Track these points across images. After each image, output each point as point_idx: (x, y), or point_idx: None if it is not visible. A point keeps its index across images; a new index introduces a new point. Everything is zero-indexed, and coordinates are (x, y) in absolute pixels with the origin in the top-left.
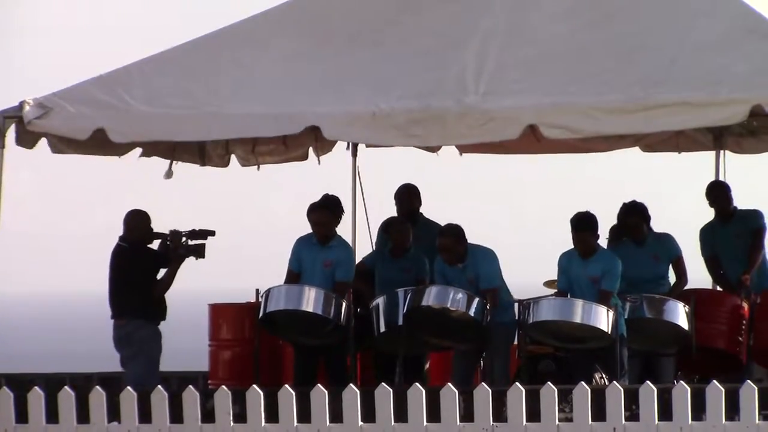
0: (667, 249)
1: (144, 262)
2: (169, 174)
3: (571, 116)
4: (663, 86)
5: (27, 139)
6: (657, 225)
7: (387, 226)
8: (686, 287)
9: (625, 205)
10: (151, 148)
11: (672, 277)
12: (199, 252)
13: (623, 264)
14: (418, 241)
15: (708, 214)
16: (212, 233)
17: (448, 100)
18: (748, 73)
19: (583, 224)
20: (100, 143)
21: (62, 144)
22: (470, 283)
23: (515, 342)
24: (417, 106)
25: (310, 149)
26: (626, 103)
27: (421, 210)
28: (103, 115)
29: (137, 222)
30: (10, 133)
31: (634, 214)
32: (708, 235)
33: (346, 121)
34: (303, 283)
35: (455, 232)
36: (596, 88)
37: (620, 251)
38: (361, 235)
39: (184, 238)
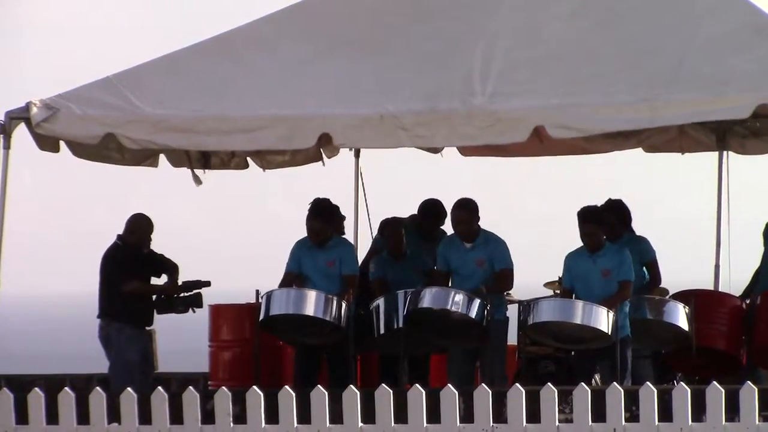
0: (639, 251)
1: (134, 265)
2: (197, 181)
3: (577, 116)
4: (670, 86)
5: (49, 143)
6: (659, 225)
7: (382, 229)
8: (682, 289)
9: (605, 202)
10: (177, 155)
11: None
12: (196, 303)
13: None
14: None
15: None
16: (207, 284)
17: (455, 102)
18: (754, 72)
19: (590, 216)
20: (119, 151)
21: (82, 150)
22: (478, 264)
23: (513, 342)
24: (424, 108)
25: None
26: (634, 103)
27: (408, 210)
28: (111, 118)
29: (139, 225)
30: (18, 135)
31: (610, 213)
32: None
33: (354, 124)
34: (306, 286)
35: (470, 205)
36: (603, 89)
37: None
38: (363, 235)
39: (178, 293)
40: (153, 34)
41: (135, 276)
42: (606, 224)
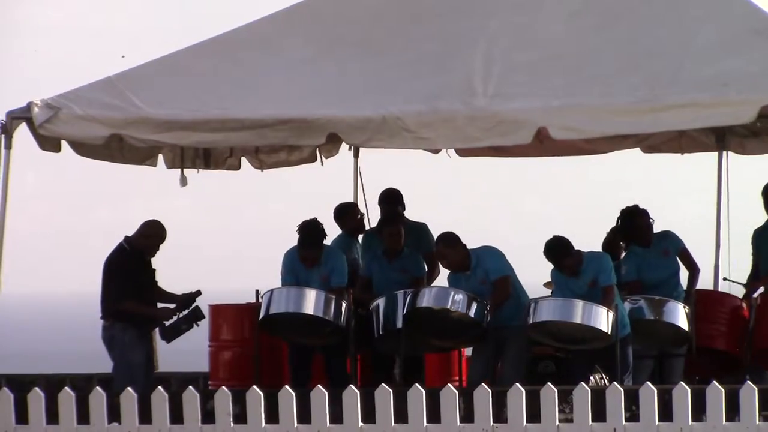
0: (672, 243)
1: (135, 273)
2: (183, 181)
3: (579, 117)
4: (671, 88)
5: (50, 143)
6: (659, 225)
7: (380, 229)
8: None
9: (629, 209)
10: (172, 156)
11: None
12: (197, 316)
13: (637, 270)
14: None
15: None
16: (198, 293)
17: (457, 103)
18: (756, 74)
19: (561, 252)
20: (120, 150)
21: (83, 149)
22: (482, 284)
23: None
24: (426, 109)
25: (317, 150)
26: (634, 104)
27: (405, 211)
28: (113, 119)
29: (154, 232)
30: (17, 135)
31: (643, 216)
32: (755, 238)
33: (356, 125)
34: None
35: (445, 238)
36: (604, 90)
37: (630, 259)
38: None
39: (175, 316)
40: (153, 35)
41: (135, 284)
42: (645, 227)
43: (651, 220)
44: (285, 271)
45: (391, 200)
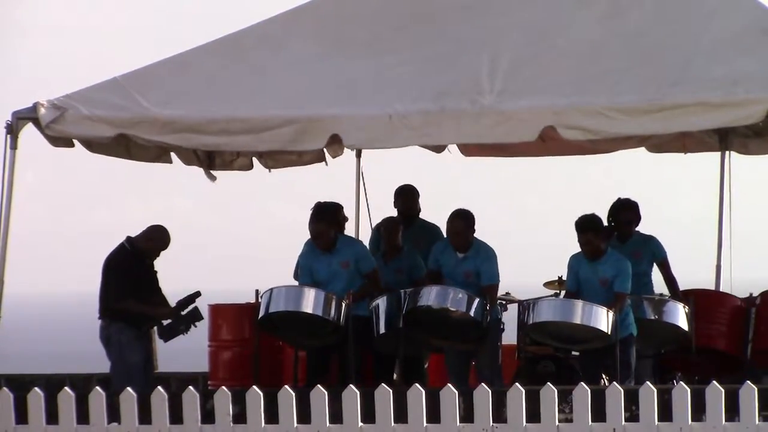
0: (651, 250)
1: (138, 267)
2: (211, 178)
3: (587, 117)
4: (679, 86)
5: (62, 140)
6: (660, 225)
7: (378, 228)
8: (683, 288)
9: (619, 200)
10: (187, 154)
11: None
12: (196, 317)
13: None
14: (417, 243)
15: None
16: (198, 294)
17: (464, 101)
18: (764, 73)
19: (587, 225)
20: (130, 149)
21: (95, 146)
22: (466, 274)
23: (513, 342)
24: (433, 108)
25: (324, 150)
26: (643, 103)
27: (421, 212)
28: (119, 119)
29: (158, 236)
30: (24, 134)
31: (627, 210)
32: None
33: (362, 125)
34: (322, 289)
35: (468, 216)
36: (612, 88)
37: None
38: (365, 235)
39: (173, 318)
40: (158, 35)
41: (134, 283)
42: (624, 223)
43: (636, 217)
44: (301, 272)
45: (405, 194)
